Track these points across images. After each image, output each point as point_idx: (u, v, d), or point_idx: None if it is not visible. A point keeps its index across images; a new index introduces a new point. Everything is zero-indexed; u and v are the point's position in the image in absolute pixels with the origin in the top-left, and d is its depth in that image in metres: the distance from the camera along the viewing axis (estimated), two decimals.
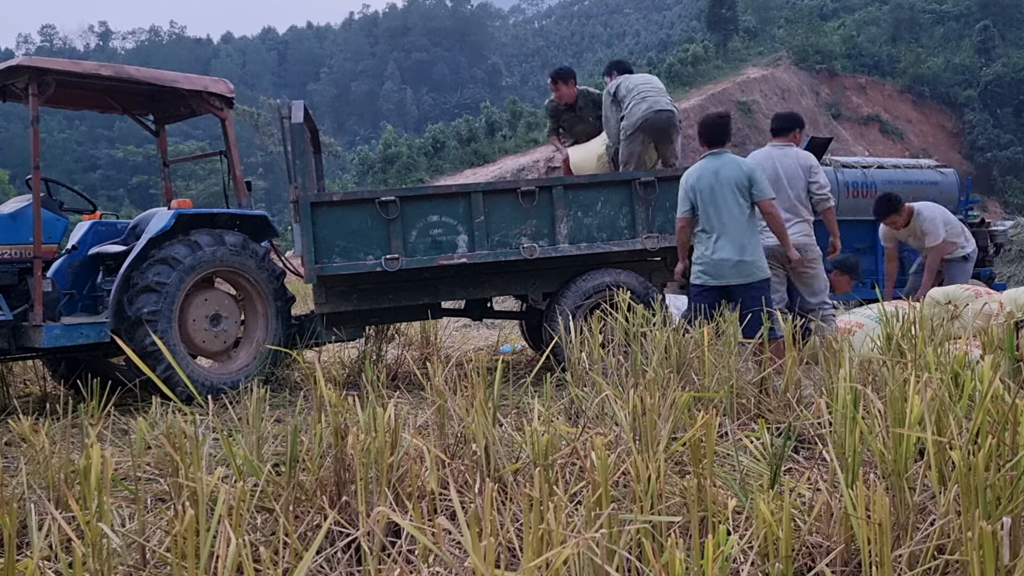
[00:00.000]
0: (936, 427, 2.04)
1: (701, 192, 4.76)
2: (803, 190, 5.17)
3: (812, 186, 5.17)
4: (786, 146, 5.31)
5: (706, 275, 4.77)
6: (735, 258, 4.67)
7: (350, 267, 5.00)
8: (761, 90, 48.92)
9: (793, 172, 5.18)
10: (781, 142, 5.35)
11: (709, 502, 1.95)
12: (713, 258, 4.72)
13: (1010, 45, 58.69)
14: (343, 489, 2.31)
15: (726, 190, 4.69)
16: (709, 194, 4.74)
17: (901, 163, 9.90)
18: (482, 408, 2.43)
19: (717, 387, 3.22)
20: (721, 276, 4.72)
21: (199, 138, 54.25)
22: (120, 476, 2.86)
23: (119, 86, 5.19)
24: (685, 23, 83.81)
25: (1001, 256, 11.29)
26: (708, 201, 4.75)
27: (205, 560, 1.65)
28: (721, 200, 4.70)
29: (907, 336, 3.37)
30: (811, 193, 5.19)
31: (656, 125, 5.64)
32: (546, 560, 1.51)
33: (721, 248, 4.69)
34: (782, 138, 5.37)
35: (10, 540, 1.72)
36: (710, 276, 4.75)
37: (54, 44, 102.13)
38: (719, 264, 4.70)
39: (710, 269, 4.75)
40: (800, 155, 5.26)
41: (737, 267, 4.68)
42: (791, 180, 5.17)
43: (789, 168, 5.19)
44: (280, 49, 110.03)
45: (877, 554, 1.61)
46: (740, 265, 4.68)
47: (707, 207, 4.75)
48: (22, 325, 4.64)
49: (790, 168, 5.19)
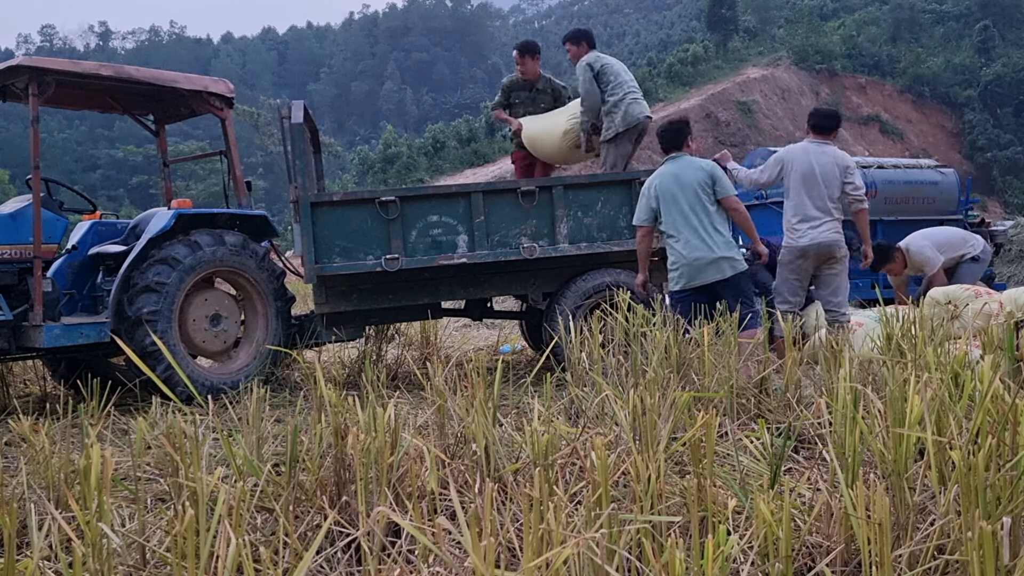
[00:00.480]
0: (936, 427, 2.04)
1: (663, 196, 4.75)
2: (837, 189, 5.06)
3: (847, 186, 5.06)
4: (825, 143, 5.17)
5: (684, 278, 4.73)
6: (709, 255, 4.64)
7: (350, 267, 5.00)
8: (761, 90, 48.91)
9: (830, 170, 5.06)
10: (821, 139, 5.20)
11: (709, 502, 1.95)
12: (688, 257, 4.68)
13: (1010, 45, 58.67)
14: (343, 489, 2.31)
15: (688, 191, 4.68)
16: (671, 197, 4.72)
17: (901, 163, 9.91)
18: (482, 408, 2.43)
19: (717, 387, 3.23)
20: (699, 276, 4.68)
21: (199, 138, 54.23)
22: (120, 476, 2.86)
23: (119, 86, 5.19)
24: (685, 23, 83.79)
25: (1001, 256, 11.28)
26: (671, 204, 4.73)
27: (205, 560, 1.65)
28: (684, 202, 4.68)
29: (907, 336, 3.37)
30: (845, 193, 5.08)
31: (645, 131, 5.70)
32: (546, 560, 1.51)
33: (694, 248, 4.66)
34: (823, 135, 5.22)
35: (10, 540, 1.72)
36: (688, 279, 4.71)
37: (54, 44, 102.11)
38: (694, 264, 4.67)
39: (687, 271, 4.71)
40: (838, 154, 5.15)
41: (714, 264, 4.65)
42: (826, 178, 5.04)
43: (826, 166, 5.06)
44: (280, 49, 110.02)
45: (877, 554, 1.61)
46: (716, 262, 4.64)
47: (671, 210, 4.73)
48: (22, 325, 4.64)
49: (827, 166, 5.07)
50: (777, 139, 39.60)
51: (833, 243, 5.04)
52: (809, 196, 5.02)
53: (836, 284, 5.15)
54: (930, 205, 8.99)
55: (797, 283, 5.15)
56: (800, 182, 5.06)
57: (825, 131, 5.22)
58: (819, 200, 5.03)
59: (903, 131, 53.61)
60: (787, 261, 5.14)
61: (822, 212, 5.05)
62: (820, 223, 5.01)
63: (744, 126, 45.41)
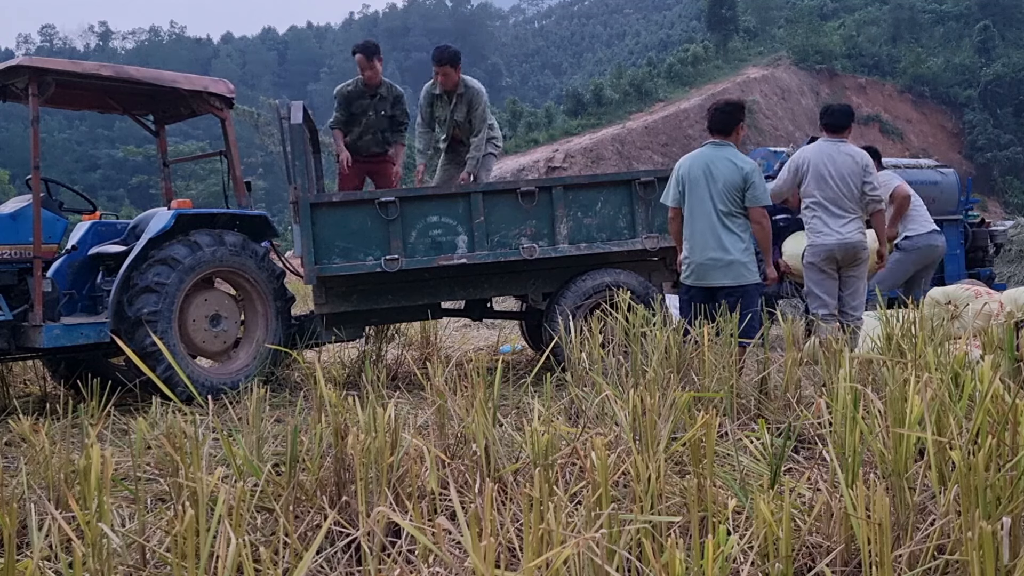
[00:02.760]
0: (936, 427, 2.04)
1: (689, 182, 4.53)
2: (857, 188, 4.92)
3: (865, 187, 4.92)
4: (840, 142, 5.04)
5: (692, 275, 4.57)
6: (723, 257, 4.43)
7: (350, 268, 5.00)
8: (761, 90, 48.90)
9: (849, 169, 4.92)
10: (835, 138, 5.07)
11: (709, 502, 1.95)
12: (699, 255, 4.50)
13: (1010, 45, 58.68)
14: (343, 489, 2.31)
15: (717, 186, 4.44)
16: (696, 185, 4.50)
17: (901, 163, 9.90)
18: (482, 408, 2.43)
19: (717, 387, 3.22)
20: (707, 277, 4.49)
21: (199, 138, 54.24)
22: (120, 476, 2.86)
23: (119, 86, 5.18)
24: (685, 23, 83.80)
25: (1001, 256, 11.30)
26: (694, 192, 4.51)
27: (205, 560, 1.64)
28: (709, 194, 4.45)
29: (907, 336, 3.37)
30: (863, 194, 4.94)
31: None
32: (546, 560, 1.51)
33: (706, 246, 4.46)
34: (836, 134, 5.09)
35: (10, 540, 1.72)
36: (697, 276, 4.54)
37: (54, 44, 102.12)
38: (703, 264, 4.49)
39: (697, 269, 4.54)
40: (856, 152, 5.03)
41: (724, 268, 4.44)
42: (845, 177, 4.91)
43: (844, 164, 4.93)
44: (280, 49, 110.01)
45: (877, 554, 1.61)
46: (729, 266, 4.44)
47: (692, 198, 4.52)
48: (22, 325, 4.63)
49: (845, 165, 4.93)
50: (777, 139, 39.58)
51: (858, 243, 4.92)
52: (831, 195, 4.91)
53: (856, 287, 5.04)
54: (930, 205, 8.93)
55: (830, 283, 4.98)
56: (820, 182, 4.94)
57: (839, 129, 5.11)
58: (841, 199, 4.92)
59: (903, 131, 53.64)
60: (814, 262, 5.00)
61: (842, 211, 4.93)
62: (845, 222, 4.90)
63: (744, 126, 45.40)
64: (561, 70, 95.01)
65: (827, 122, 5.18)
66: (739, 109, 4.68)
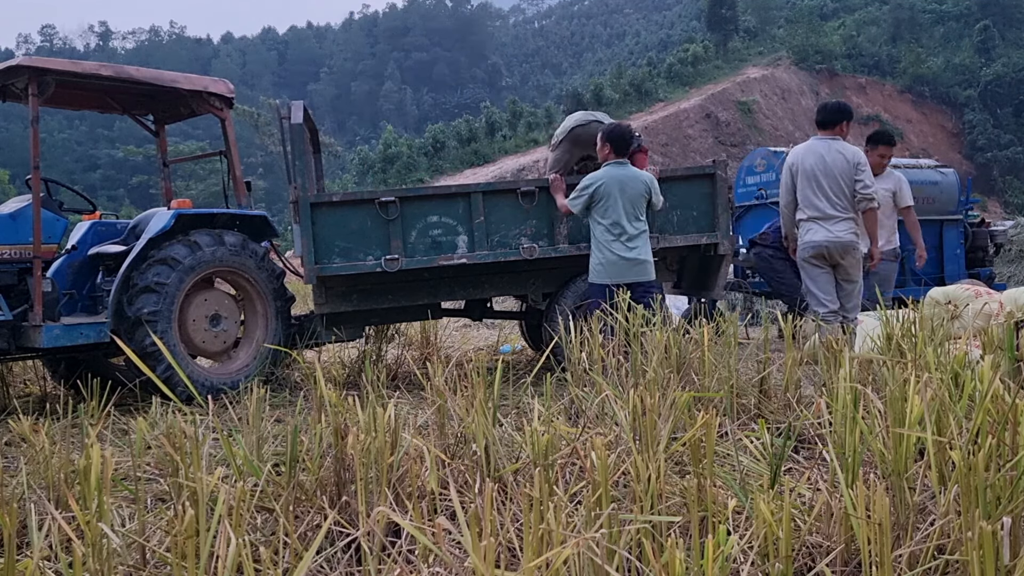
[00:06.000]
0: (936, 427, 2.04)
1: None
2: (850, 185, 4.94)
3: (856, 184, 4.93)
4: (832, 139, 5.04)
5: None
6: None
7: (350, 268, 5.00)
8: (761, 90, 48.93)
9: (841, 167, 4.93)
10: (827, 135, 5.08)
11: (709, 502, 1.95)
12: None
13: (1010, 45, 58.70)
14: (343, 489, 2.31)
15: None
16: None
17: (901, 163, 9.89)
18: (482, 408, 2.43)
19: (717, 387, 3.23)
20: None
21: (199, 138, 54.27)
22: (120, 476, 2.86)
23: (119, 86, 5.19)
24: (685, 23, 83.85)
25: (1001, 256, 11.30)
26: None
27: (205, 560, 1.65)
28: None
29: (907, 336, 3.37)
30: (854, 192, 4.95)
31: (578, 139, 5.68)
32: (546, 560, 1.51)
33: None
34: (828, 131, 5.10)
35: (10, 540, 1.72)
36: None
37: (54, 44, 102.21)
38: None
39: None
40: (848, 149, 5.01)
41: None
42: (838, 174, 4.93)
43: (836, 162, 4.94)
44: (280, 49, 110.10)
45: (877, 554, 1.61)
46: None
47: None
48: (22, 325, 4.63)
49: (837, 162, 4.94)
50: (777, 139, 39.60)
51: (850, 244, 4.94)
52: (821, 193, 4.92)
53: (850, 288, 5.07)
54: (930, 205, 8.98)
55: (827, 278, 5.02)
56: (809, 179, 4.95)
57: (829, 126, 5.11)
58: (832, 196, 4.92)
59: (903, 131, 53.62)
60: (805, 257, 5.03)
61: (835, 209, 4.94)
62: (836, 221, 4.92)
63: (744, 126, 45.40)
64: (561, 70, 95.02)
65: (818, 120, 5.21)
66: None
